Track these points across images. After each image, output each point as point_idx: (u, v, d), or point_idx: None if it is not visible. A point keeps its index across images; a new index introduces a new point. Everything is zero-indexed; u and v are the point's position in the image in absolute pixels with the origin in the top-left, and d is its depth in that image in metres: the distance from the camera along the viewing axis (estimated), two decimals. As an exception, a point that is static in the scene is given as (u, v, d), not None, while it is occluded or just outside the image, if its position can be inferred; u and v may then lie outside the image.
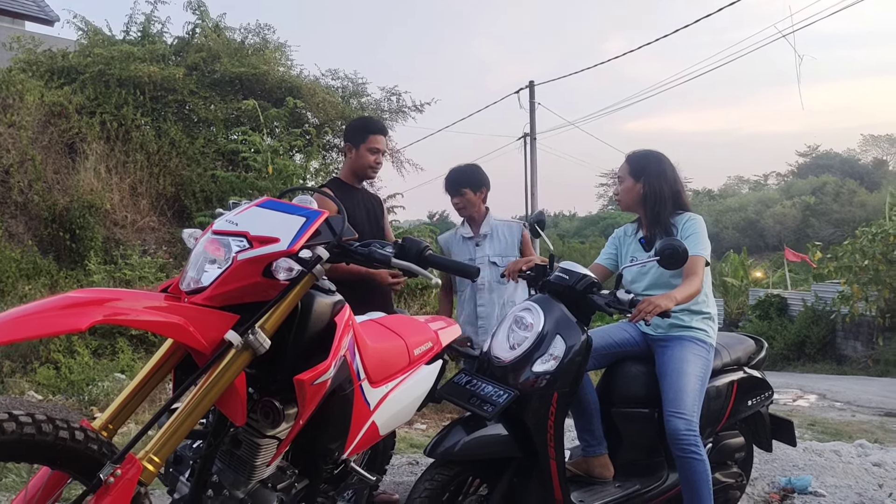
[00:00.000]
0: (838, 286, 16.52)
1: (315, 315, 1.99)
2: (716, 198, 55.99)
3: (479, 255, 3.98)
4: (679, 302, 2.89)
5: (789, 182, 55.73)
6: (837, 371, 14.82)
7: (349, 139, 3.74)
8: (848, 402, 9.13)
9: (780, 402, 8.35)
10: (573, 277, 2.90)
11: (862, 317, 15.46)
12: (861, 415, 8.08)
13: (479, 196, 4.03)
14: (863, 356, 15.26)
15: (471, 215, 4.06)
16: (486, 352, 2.91)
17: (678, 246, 2.77)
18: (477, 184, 4.02)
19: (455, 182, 4.03)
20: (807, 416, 7.57)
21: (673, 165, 3.28)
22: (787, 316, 19.15)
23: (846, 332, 16.37)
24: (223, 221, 1.97)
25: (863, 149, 60.29)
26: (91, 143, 8.93)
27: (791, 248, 26.33)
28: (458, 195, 4.02)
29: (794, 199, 45.80)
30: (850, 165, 54.10)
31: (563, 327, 2.79)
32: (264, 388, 2.00)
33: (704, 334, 3.14)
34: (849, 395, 9.72)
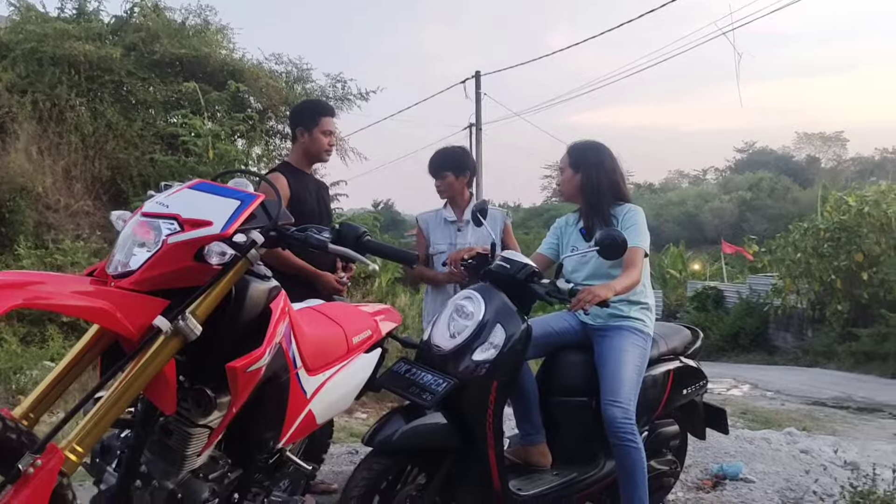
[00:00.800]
0: (772, 279, 17.04)
1: (249, 301, 1.94)
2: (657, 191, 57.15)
3: (460, 240, 3.86)
4: (618, 292, 2.92)
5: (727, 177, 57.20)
6: (769, 361, 15.30)
7: (300, 123, 3.66)
8: (778, 391, 9.43)
9: (714, 392, 8.57)
10: (514, 266, 2.90)
11: (793, 309, 15.96)
12: (790, 404, 8.35)
13: (461, 180, 3.93)
14: (793, 347, 15.78)
15: (453, 199, 3.95)
16: (426, 340, 2.90)
17: (617, 236, 2.80)
18: (460, 167, 3.93)
19: (438, 164, 3.94)
20: (739, 405, 7.79)
21: (613, 156, 3.30)
22: (722, 308, 19.66)
23: (778, 323, 16.89)
24: (153, 203, 1.91)
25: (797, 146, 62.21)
26: (22, 122, 8.57)
27: (728, 241, 27.03)
28: (440, 178, 3.92)
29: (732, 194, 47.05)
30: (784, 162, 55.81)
31: (503, 316, 2.79)
32: (196, 375, 1.94)
33: (642, 324, 3.18)
34: (779, 384, 10.04)
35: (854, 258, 13.97)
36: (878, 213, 14.03)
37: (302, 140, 3.66)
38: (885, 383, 10.60)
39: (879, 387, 10.04)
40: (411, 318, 7.83)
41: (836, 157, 61.18)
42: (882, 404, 8.41)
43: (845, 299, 14.28)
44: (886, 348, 12.01)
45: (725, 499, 3.93)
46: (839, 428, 6.65)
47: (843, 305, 14.15)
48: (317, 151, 3.67)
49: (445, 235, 3.90)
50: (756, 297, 17.87)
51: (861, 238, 14.00)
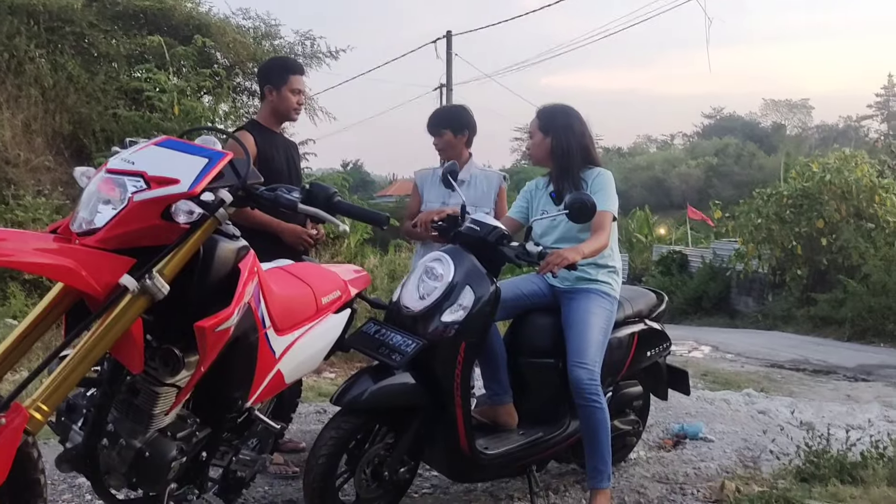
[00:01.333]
0: (735, 244, 17.29)
1: (218, 260, 1.92)
2: (625, 156, 57.41)
3: (452, 200, 3.75)
4: (586, 255, 2.94)
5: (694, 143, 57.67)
6: (730, 325, 15.61)
7: (269, 81, 3.59)
8: (738, 353, 9.64)
9: (676, 353, 8.73)
10: (484, 229, 2.91)
11: (755, 274, 16.25)
12: (749, 366, 8.55)
13: (460, 139, 3.86)
14: (754, 311, 16.11)
15: (451, 158, 3.85)
16: (395, 301, 2.90)
17: (587, 200, 2.81)
18: (459, 126, 3.86)
19: (436, 121, 3.88)
20: (700, 367, 7.95)
21: (582, 120, 3.30)
22: (687, 272, 19.98)
23: (740, 288, 17.22)
24: (118, 160, 1.86)
25: (763, 113, 62.88)
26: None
27: (694, 206, 27.36)
28: (438, 135, 3.87)
29: (699, 160, 47.49)
30: (751, 129, 56.36)
31: (472, 278, 2.80)
32: (163, 334, 1.93)
33: (609, 287, 3.21)
34: (739, 347, 10.26)
35: (815, 225, 14.22)
36: (839, 181, 14.26)
37: (270, 98, 3.60)
38: (840, 346, 10.89)
39: (835, 350, 10.32)
40: (380, 278, 7.83)
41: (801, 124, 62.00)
42: (836, 367, 8.65)
43: (805, 265, 14.58)
44: (843, 313, 12.32)
45: (686, 457, 4.03)
46: (796, 389, 6.83)
47: (803, 271, 14.45)
48: (285, 110, 3.62)
49: (439, 194, 3.83)
50: (719, 262, 18.17)
51: (822, 205, 14.25)
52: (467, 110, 3.97)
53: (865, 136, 51.56)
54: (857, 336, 11.68)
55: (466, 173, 3.88)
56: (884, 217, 13.81)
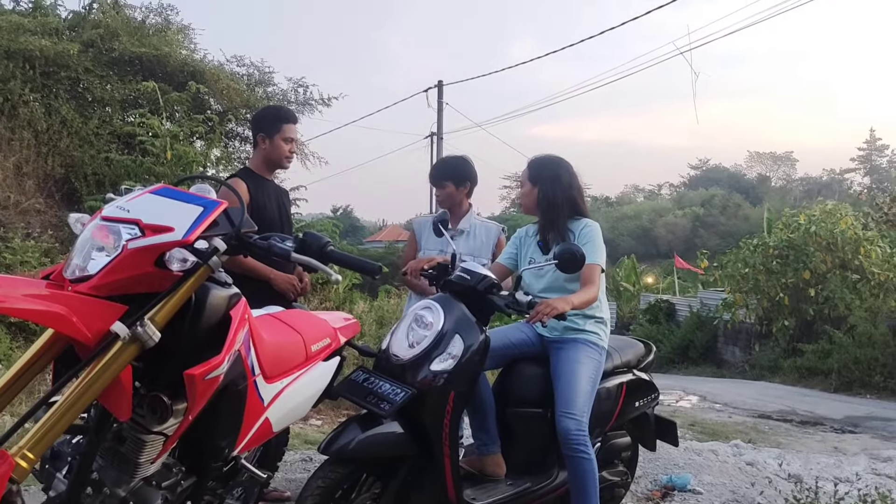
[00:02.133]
0: (722, 294, 17.36)
1: (209, 308, 1.92)
2: (613, 205, 57.99)
3: (450, 248, 3.82)
4: (575, 306, 2.96)
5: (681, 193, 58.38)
6: (717, 374, 15.59)
7: (262, 129, 3.65)
8: (726, 403, 9.61)
9: (664, 403, 8.71)
10: (474, 278, 2.93)
11: (742, 324, 16.29)
12: (737, 416, 8.52)
13: (461, 191, 3.91)
14: (741, 361, 16.10)
15: (451, 209, 3.90)
16: (384, 349, 2.90)
17: (576, 251, 2.85)
18: (460, 178, 3.91)
19: (438, 173, 3.94)
20: (688, 417, 7.93)
21: (572, 171, 3.35)
22: (674, 321, 20.01)
23: (727, 337, 17.22)
24: (114, 207, 1.88)
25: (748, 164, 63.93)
26: (-28, 117, 8.36)
27: (681, 256, 27.55)
28: (440, 187, 3.91)
29: (685, 210, 48.03)
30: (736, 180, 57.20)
31: (462, 327, 2.81)
32: (152, 382, 1.92)
33: (597, 337, 3.23)
34: (727, 397, 10.24)
35: (801, 275, 14.32)
36: (824, 233, 14.42)
37: (263, 146, 3.64)
38: (827, 397, 10.88)
39: (822, 401, 10.30)
40: (369, 325, 7.79)
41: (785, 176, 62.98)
42: (824, 418, 8.63)
43: (791, 315, 14.64)
44: (829, 364, 12.33)
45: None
46: (783, 441, 6.81)
47: (790, 321, 14.50)
48: (277, 158, 3.66)
49: (437, 242, 3.84)
50: (706, 311, 18.21)
51: (808, 256, 14.37)
52: (469, 162, 4.01)
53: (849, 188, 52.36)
54: (843, 387, 11.68)
55: (466, 223, 3.94)
56: (869, 269, 13.93)
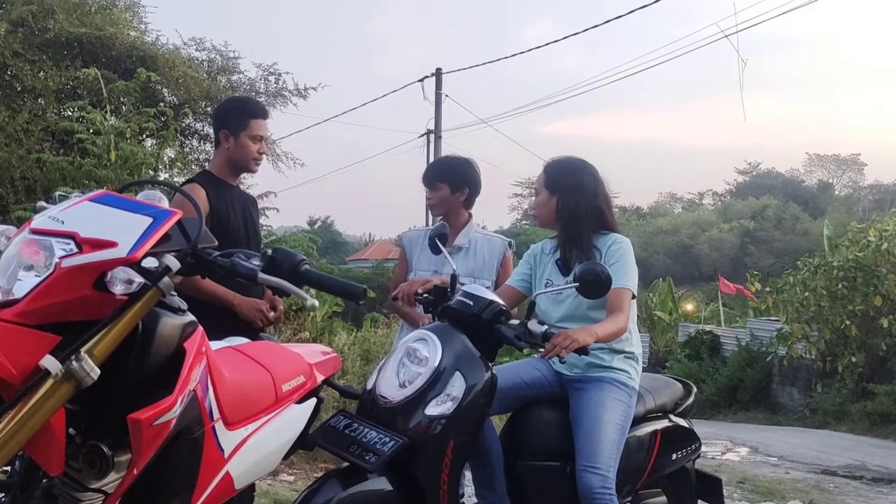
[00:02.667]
0: (777, 324, 17.26)
1: (159, 339, 1.92)
2: (645, 217, 58.14)
3: (446, 268, 3.75)
4: (600, 339, 2.96)
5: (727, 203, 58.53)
6: (771, 421, 15.53)
7: (225, 125, 3.66)
8: (782, 456, 9.58)
9: (707, 456, 8.68)
10: (478, 304, 2.92)
11: (801, 360, 16.18)
12: (795, 472, 8.49)
13: (457, 197, 3.92)
14: (799, 405, 16.02)
15: (447, 218, 3.89)
16: (370, 390, 2.89)
17: (601, 272, 2.84)
18: (457, 180, 3.92)
19: (433, 173, 3.96)
20: (736, 472, 7.89)
21: (597, 177, 3.37)
22: (719, 356, 19.95)
23: (783, 376, 17.17)
24: (46, 218, 1.88)
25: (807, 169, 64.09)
26: None
27: (727, 278, 27.53)
28: (433, 188, 3.92)
29: (732, 223, 48.12)
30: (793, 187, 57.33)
31: (464, 363, 2.80)
32: (90, 428, 1.91)
33: (626, 376, 3.22)
34: (783, 448, 10.20)
35: (872, 302, 14.23)
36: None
37: (226, 145, 3.66)
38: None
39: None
40: (352, 360, 7.78)
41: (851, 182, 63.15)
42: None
43: (861, 350, 14.57)
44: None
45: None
46: (851, 501, 6.78)
47: (858, 357, 14.43)
48: (243, 160, 3.68)
49: (430, 261, 3.86)
50: (758, 345, 18.16)
51: (880, 279, 14.29)
52: (472, 165, 4.02)
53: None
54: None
55: (465, 238, 3.93)
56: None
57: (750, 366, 17.90)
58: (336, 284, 2.24)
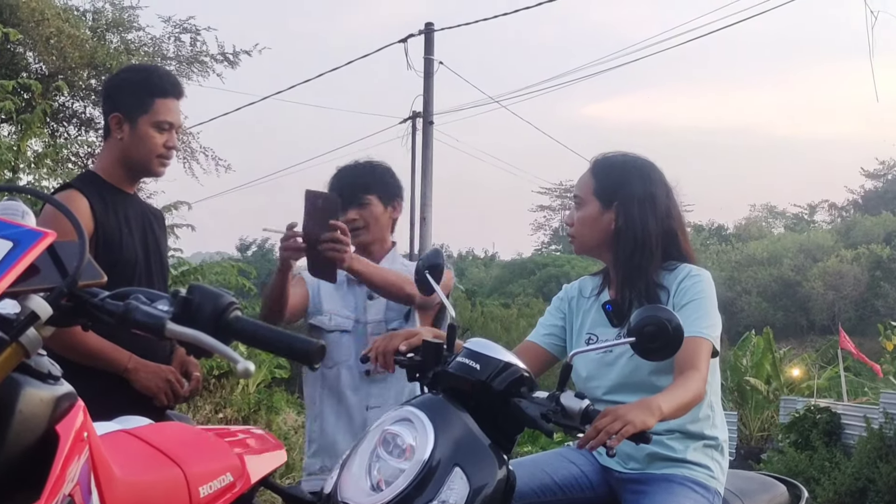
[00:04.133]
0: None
1: (20, 419, 1.91)
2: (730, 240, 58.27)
3: (372, 316, 3.94)
4: (666, 416, 2.95)
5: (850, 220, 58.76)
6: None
7: (118, 107, 3.68)
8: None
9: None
10: (488, 367, 2.92)
11: (957, 450, 16.26)
12: None
13: (388, 212, 4.02)
14: (959, 516, 16.04)
15: (367, 243, 3.99)
16: (329, 494, 2.88)
17: (668, 320, 2.83)
18: (388, 191, 4.03)
19: (353, 182, 4.00)
20: None
21: (668, 185, 3.41)
22: (839, 445, 19.95)
23: (934, 474, 17.18)
24: None
25: (968, 172, 64.21)
26: None
27: (851, 329, 27.58)
28: (357, 204, 3.97)
29: (858, 250, 48.18)
30: (947, 197, 57.37)
31: (466, 455, 2.80)
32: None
33: (707, 473, 3.23)
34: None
35: None
36: None
37: (118, 136, 3.67)
38: None
39: None
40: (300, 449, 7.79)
41: None
42: None
43: None
44: None
45: None
46: None
47: None
48: (143, 157, 3.69)
49: (347, 303, 3.96)
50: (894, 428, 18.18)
51: None
52: (394, 173, 4.15)
53: None
54: None
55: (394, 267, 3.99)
56: None
57: (884, 459, 17.91)
58: (280, 339, 2.23)
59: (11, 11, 10.11)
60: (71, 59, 10.47)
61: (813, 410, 21.32)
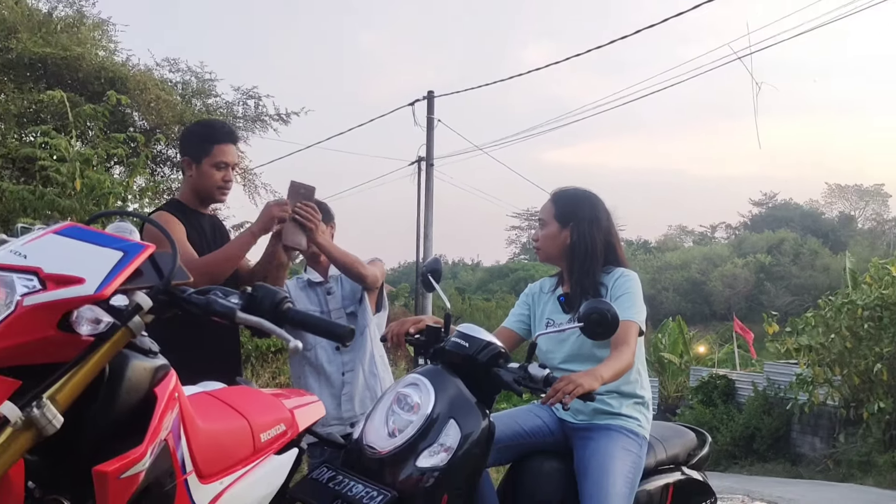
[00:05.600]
0: (796, 368, 17.24)
1: (128, 384, 1.91)
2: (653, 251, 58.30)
3: (333, 305, 3.93)
4: (606, 381, 2.95)
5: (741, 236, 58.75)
6: (791, 473, 15.46)
7: (187, 152, 3.68)
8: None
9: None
10: (474, 345, 2.92)
11: (822, 406, 16.15)
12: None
13: (330, 228, 4.01)
14: (822, 455, 15.95)
15: (313, 256, 3.98)
16: (356, 439, 2.88)
17: (607, 310, 2.84)
18: (328, 213, 4.01)
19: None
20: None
21: (608, 212, 3.43)
22: (733, 402, 19.93)
23: (803, 424, 17.12)
24: (6, 252, 1.87)
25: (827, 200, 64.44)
26: None
27: (743, 317, 27.57)
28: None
29: (747, 258, 48.23)
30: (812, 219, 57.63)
31: (458, 410, 2.80)
32: (50, 481, 1.89)
33: (636, 423, 3.22)
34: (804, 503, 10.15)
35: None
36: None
37: (189, 173, 3.67)
38: (936, 505, 10.79)
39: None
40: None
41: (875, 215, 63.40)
42: (933, 532, 8.56)
43: (888, 395, 14.53)
44: (939, 460, 12.26)
45: None
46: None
47: (886, 403, 14.39)
48: (207, 189, 3.68)
49: (312, 300, 3.94)
50: (775, 390, 18.15)
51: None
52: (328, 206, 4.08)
53: (957, 231, 52.72)
54: (958, 490, 11.61)
55: (333, 270, 3.98)
56: None
57: (767, 413, 17.88)
58: (321, 324, 2.24)
59: (122, 83, 10.12)
60: (166, 117, 10.46)
61: (714, 377, 21.33)
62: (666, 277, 47.34)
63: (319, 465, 2.85)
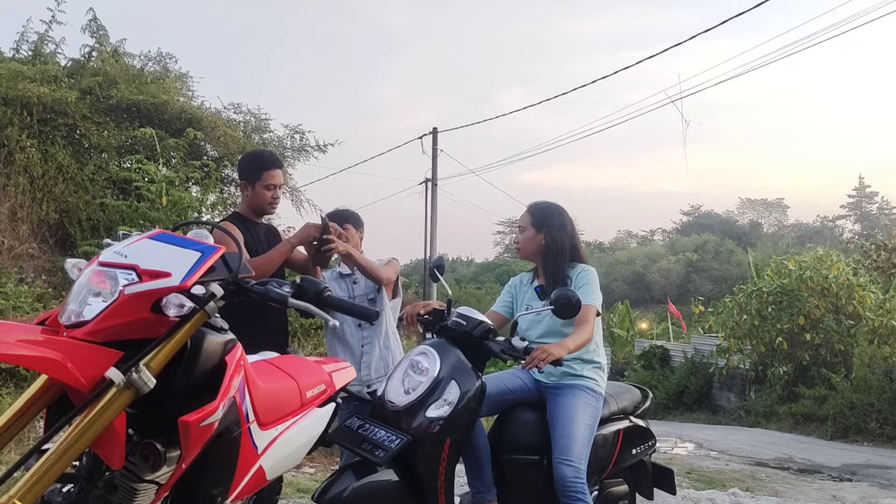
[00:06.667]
0: (716, 339, 17.32)
1: (205, 354, 1.91)
2: (606, 250, 58.16)
3: (357, 292, 3.86)
4: (571, 350, 2.95)
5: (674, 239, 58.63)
6: (712, 421, 15.46)
7: (244, 176, 3.67)
8: (722, 450, 9.52)
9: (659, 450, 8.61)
10: (470, 323, 2.92)
11: (736, 369, 16.22)
12: (734, 463, 8.44)
13: (360, 233, 3.95)
14: (736, 407, 15.99)
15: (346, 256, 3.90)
16: (380, 396, 2.88)
17: (572, 296, 2.85)
18: (358, 221, 3.96)
19: (339, 217, 3.93)
20: (684, 464, 7.84)
21: (571, 220, 3.42)
22: (668, 367, 19.91)
23: (721, 383, 17.13)
24: (111, 253, 1.88)
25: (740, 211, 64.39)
26: (-32, 162, 8.38)
27: (675, 301, 27.54)
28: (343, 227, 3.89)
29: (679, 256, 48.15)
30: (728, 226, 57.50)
31: (458, 373, 2.80)
32: (146, 429, 1.89)
33: (595, 383, 3.22)
34: (722, 444, 10.15)
35: (796, 321, 14.32)
36: (817, 278, 14.47)
37: (246, 193, 3.68)
38: (823, 445, 10.79)
39: (818, 448, 10.22)
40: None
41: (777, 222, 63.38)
42: (821, 466, 8.55)
43: (787, 361, 14.58)
44: (825, 410, 12.25)
45: (672, 560, 3.92)
46: (780, 489, 6.73)
47: (786, 367, 14.44)
48: (260, 205, 3.68)
49: (342, 289, 3.89)
50: (700, 357, 18.14)
51: (802, 302, 14.39)
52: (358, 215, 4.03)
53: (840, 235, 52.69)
54: (839, 434, 11.60)
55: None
56: (864, 314, 13.91)
57: (694, 375, 17.87)
58: (353, 308, 2.25)
59: (198, 122, 10.11)
60: (231, 149, 10.45)
61: (653, 348, 21.32)
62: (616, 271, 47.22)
63: (350, 416, 2.85)
